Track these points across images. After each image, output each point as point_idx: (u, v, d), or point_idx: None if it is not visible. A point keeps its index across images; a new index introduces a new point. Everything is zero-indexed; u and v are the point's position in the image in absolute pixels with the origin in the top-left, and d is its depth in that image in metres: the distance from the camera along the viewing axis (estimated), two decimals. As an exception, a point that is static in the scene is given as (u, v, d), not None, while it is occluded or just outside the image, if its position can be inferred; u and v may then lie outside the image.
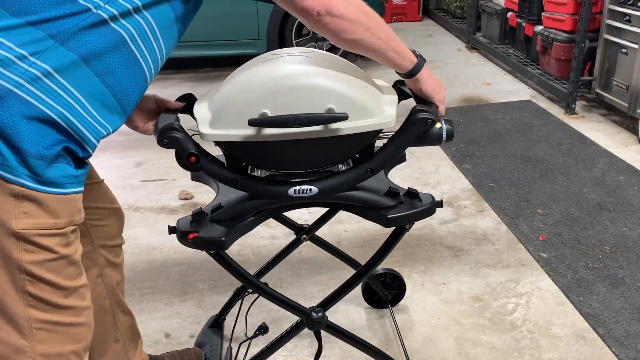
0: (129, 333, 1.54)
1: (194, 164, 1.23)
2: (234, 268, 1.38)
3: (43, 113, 0.94)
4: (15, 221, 0.95)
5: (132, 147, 3.49)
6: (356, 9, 1.12)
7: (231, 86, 1.24)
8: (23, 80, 0.92)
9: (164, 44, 1.11)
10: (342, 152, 1.28)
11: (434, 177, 3.09)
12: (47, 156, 0.95)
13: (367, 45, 1.17)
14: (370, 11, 1.15)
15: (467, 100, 4.26)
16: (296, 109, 1.17)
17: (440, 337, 1.96)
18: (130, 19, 1.02)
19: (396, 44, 1.20)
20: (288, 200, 1.30)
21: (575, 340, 1.94)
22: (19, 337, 1.00)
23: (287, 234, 2.53)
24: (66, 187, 1.00)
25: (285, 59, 1.25)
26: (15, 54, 0.92)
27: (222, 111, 1.20)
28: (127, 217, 2.73)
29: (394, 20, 6.91)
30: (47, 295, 1.01)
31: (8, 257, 0.96)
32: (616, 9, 3.58)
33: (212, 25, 4.75)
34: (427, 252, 2.43)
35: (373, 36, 1.15)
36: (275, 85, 1.18)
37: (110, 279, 1.46)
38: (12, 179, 0.93)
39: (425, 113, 1.24)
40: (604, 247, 2.42)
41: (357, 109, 1.19)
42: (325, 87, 1.18)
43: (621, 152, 3.31)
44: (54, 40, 0.94)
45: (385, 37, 1.18)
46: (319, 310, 1.49)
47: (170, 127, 1.20)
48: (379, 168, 1.30)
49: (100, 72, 1.00)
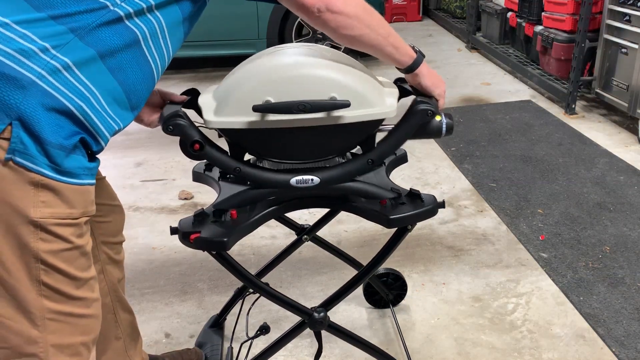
0: (129, 331, 1.55)
1: (198, 152, 1.24)
2: (236, 268, 1.38)
3: (62, 104, 0.96)
4: (34, 210, 0.96)
5: (132, 147, 3.49)
6: (356, 5, 1.14)
7: (236, 76, 1.27)
8: (45, 72, 0.94)
9: (171, 44, 1.13)
10: (343, 142, 1.30)
11: (434, 177, 3.09)
12: (66, 146, 0.97)
13: (366, 41, 1.19)
14: (370, 8, 1.18)
15: (467, 100, 4.26)
16: (299, 97, 1.19)
17: (440, 337, 1.97)
18: (143, 17, 1.05)
19: (395, 39, 1.23)
20: (289, 190, 1.31)
21: (575, 340, 1.94)
22: (31, 328, 1.01)
23: (287, 234, 2.53)
24: (82, 178, 1.02)
25: (289, 51, 1.29)
26: (38, 46, 0.94)
27: (226, 99, 1.23)
28: (127, 217, 2.72)
29: (394, 20, 6.91)
30: (61, 286, 1.02)
31: (25, 245, 0.97)
32: (616, 9, 3.58)
33: (212, 25, 4.75)
34: (427, 252, 2.43)
35: (372, 32, 1.18)
36: (279, 74, 1.21)
37: (112, 275, 1.47)
38: (33, 168, 0.95)
39: (425, 104, 1.27)
40: (604, 247, 2.42)
41: (358, 99, 1.22)
42: (327, 77, 1.21)
43: (621, 152, 3.31)
44: (74, 35, 0.97)
45: (384, 33, 1.20)
46: (320, 311, 1.49)
47: (175, 115, 1.22)
48: (380, 159, 1.32)
49: (113, 68, 1.03)
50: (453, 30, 6.29)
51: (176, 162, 3.25)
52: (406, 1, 6.89)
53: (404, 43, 1.25)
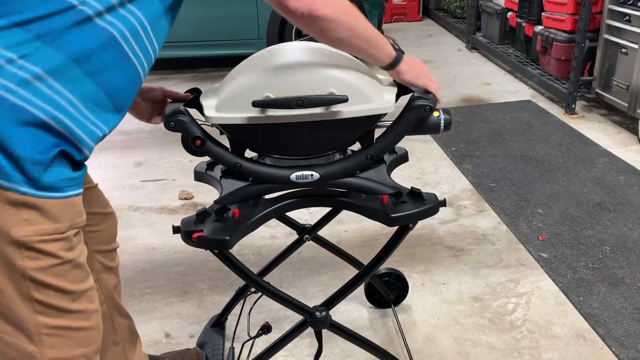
0: (128, 335, 1.55)
1: (199, 148, 1.26)
2: (238, 267, 1.38)
3: (36, 117, 0.92)
4: (15, 229, 0.93)
5: (132, 147, 3.48)
6: (339, 9, 1.15)
7: (236, 73, 1.29)
8: (13, 85, 0.89)
9: (155, 39, 1.08)
10: (342, 138, 1.32)
11: (434, 177, 3.09)
12: (43, 161, 0.94)
13: (350, 44, 1.21)
14: (354, 10, 1.19)
15: (467, 100, 4.26)
16: (298, 92, 1.21)
17: (440, 337, 1.97)
18: (117, 14, 0.98)
19: (377, 41, 1.25)
20: (289, 186, 1.32)
21: (575, 340, 1.94)
22: (28, 343, 1.01)
23: (287, 234, 2.53)
24: (65, 190, 0.99)
25: (289, 47, 1.31)
26: (3, 58, 0.89)
27: (227, 95, 1.24)
28: (127, 217, 2.74)
29: (394, 20, 6.91)
30: (54, 301, 1.01)
31: (11, 264, 0.95)
32: (616, 9, 3.58)
33: (212, 25, 4.75)
34: (427, 252, 2.43)
35: (355, 35, 1.20)
36: (279, 70, 1.23)
37: (107, 283, 1.46)
38: (9, 186, 0.92)
39: (423, 100, 1.29)
40: (604, 247, 2.42)
41: (357, 94, 1.24)
42: (326, 73, 1.24)
43: (621, 152, 3.31)
44: (42, 42, 0.92)
45: (367, 36, 1.23)
46: (322, 310, 1.50)
47: (177, 111, 1.24)
48: (379, 154, 1.33)
49: (91, 72, 0.98)
50: (453, 30, 6.29)
51: (176, 162, 3.25)
52: (406, 1, 6.90)
53: (385, 42, 1.28)
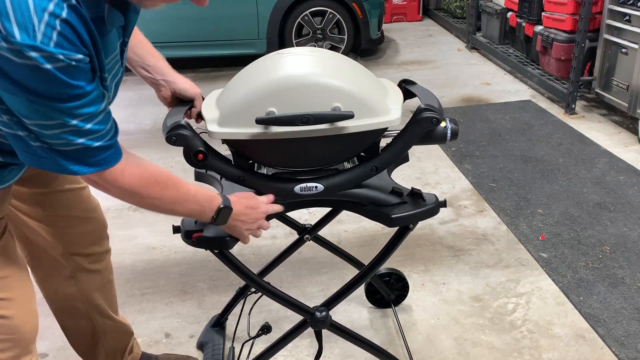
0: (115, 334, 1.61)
1: (202, 162, 1.24)
2: (238, 267, 1.38)
3: None
4: None
5: (132, 147, 3.44)
6: (133, 182, 1.08)
7: (238, 85, 1.25)
8: None
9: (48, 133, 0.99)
10: (347, 151, 1.29)
11: (434, 177, 3.09)
12: None
13: (159, 211, 1.15)
14: (155, 179, 1.11)
15: (467, 100, 4.26)
16: (302, 107, 1.18)
17: (440, 337, 1.97)
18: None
19: (187, 205, 1.17)
20: (294, 197, 1.30)
21: (575, 340, 1.94)
22: None
23: (287, 234, 2.53)
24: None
25: (291, 58, 1.26)
26: None
27: (229, 110, 1.21)
28: (127, 217, 2.74)
29: (394, 20, 6.91)
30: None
31: None
32: (616, 9, 3.58)
33: (212, 25, 4.75)
34: (427, 252, 2.43)
35: (162, 203, 1.13)
36: (282, 84, 1.19)
37: (85, 284, 1.49)
38: None
39: (430, 112, 1.25)
40: (604, 247, 2.42)
41: (362, 108, 1.20)
42: (331, 86, 1.19)
43: (621, 152, 3.31)
44: None
45: (178, 199, 1.15)
46: (322, 310, 1.50)
47: (178, 126, 1.21)
48: (384, 166, 1.31)
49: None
50: (453, 30, 6.29)
51: (176, 162, 3.25)
52: (406, 1, 6.89)
53: (203, 202, 1.18)
